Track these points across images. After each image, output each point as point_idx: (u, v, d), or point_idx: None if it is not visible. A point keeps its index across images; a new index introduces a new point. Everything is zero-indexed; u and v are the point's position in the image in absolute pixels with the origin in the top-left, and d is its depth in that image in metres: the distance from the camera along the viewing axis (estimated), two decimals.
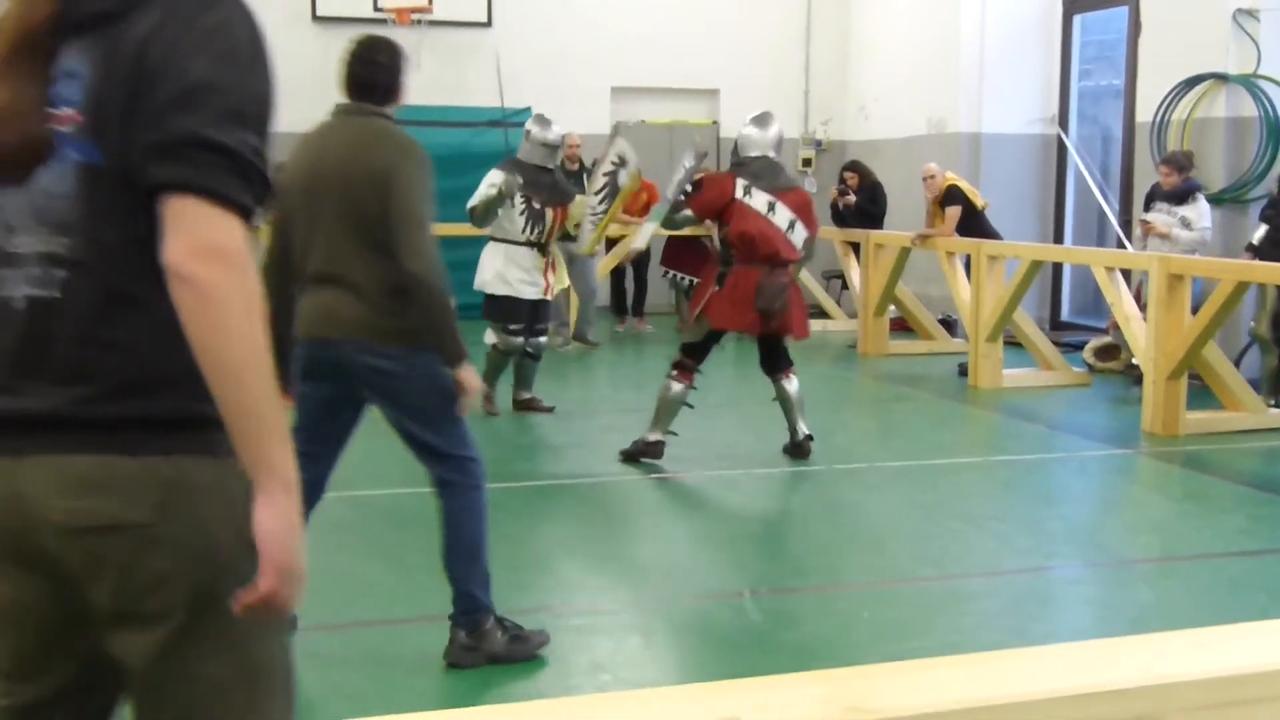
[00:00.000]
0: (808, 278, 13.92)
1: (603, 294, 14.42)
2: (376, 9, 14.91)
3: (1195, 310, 8.45)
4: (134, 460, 1.91)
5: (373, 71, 4.31)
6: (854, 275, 12.91)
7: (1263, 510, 6.88)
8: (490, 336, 8.79)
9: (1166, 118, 10.91)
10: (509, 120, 14.28)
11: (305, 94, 14.50)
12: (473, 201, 8.29)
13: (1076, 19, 13.52)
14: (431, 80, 15.07)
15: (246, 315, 1.85)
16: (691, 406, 7.53)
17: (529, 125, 8.79)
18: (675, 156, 15.63)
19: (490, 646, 4.36)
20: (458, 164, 13.02)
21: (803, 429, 7.67)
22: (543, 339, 8.99)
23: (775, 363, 7.70)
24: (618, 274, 13.99)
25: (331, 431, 4.40)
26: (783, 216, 7.31)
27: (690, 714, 1.02)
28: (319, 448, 4.33)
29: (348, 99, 4.34)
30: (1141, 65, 11.65)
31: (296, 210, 4.25)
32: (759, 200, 7.28)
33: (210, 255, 1.83)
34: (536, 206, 8.47)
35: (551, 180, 8.67)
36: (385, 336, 4.15)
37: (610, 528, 6.39)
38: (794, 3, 16.22)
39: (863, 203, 12.96)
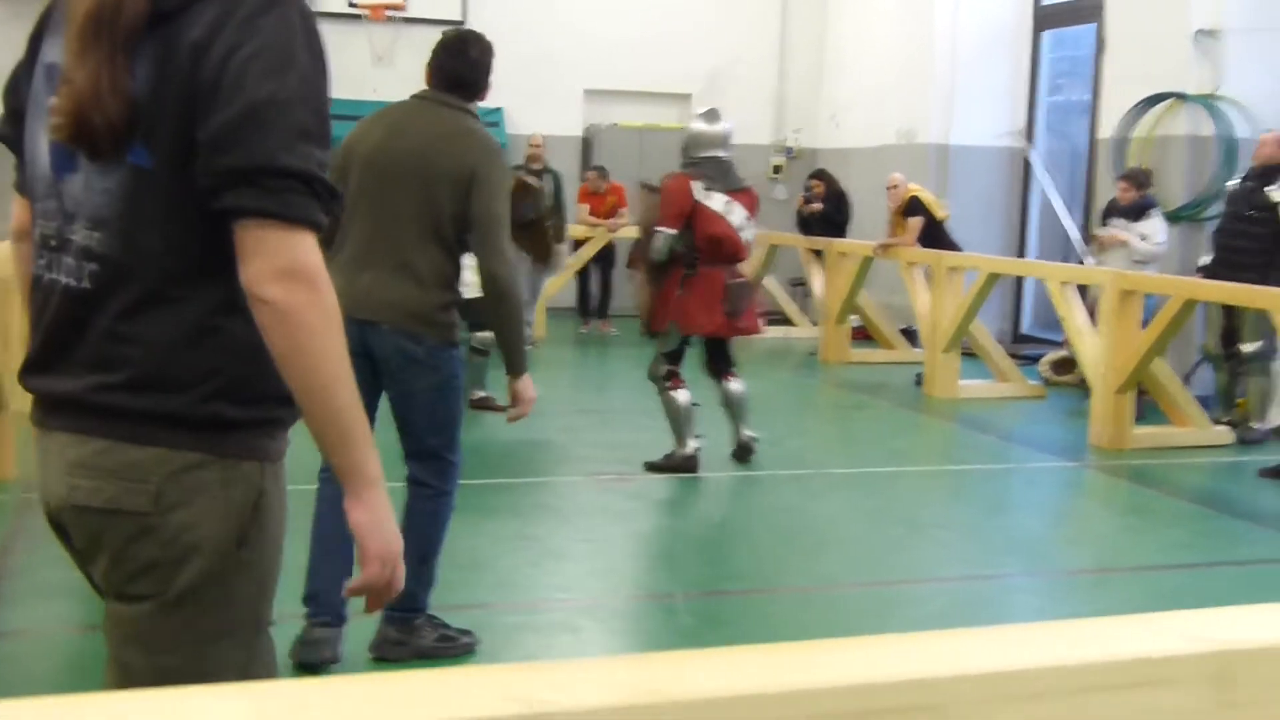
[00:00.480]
0: (772, 283, 14.03)
1: (568, 296, 14.47)
2: (351, 4, 14.94)
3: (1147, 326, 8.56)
4: (141, 450, 1.98)
5: (464, 65, 4.27)
6: (817, 283, 12.98)
7: (1204, 525, 6.97)
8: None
9: (1127, 134, 11.01)
10: (482, 120, 14.28)
11: None
12: None
13: (1045, 34, 13.64)
14: (404, 78, 15.04)
15: (325, 332, 1.91)
16: (699, 405, 7.43)
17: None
18: (647, 160, 15.74)
19: (419, 642, 4.40)
20: None
21: (747, 431, 7.65)
22: (486, 334, 8.79)
23: (721, 365, 7.59)
24: (583, 276, 14.04)
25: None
26: (738, 215, 7.26)
27: (484, 694, 1.06)
28: None
29: (433, 89, 4.28)
30: (1105, 82, 11.77)
31: (349, 182, 4.17)
32: (717, 201, 7.21)
33: (289, 277, 1.88)
34: None
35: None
36: (424, 325, 4.13)
37: (551, 528, 6.42)
38: (769, 8, 16.29)
39: (828, 211, 13.03)
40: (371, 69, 15.10)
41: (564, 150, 15.70)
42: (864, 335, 13.06)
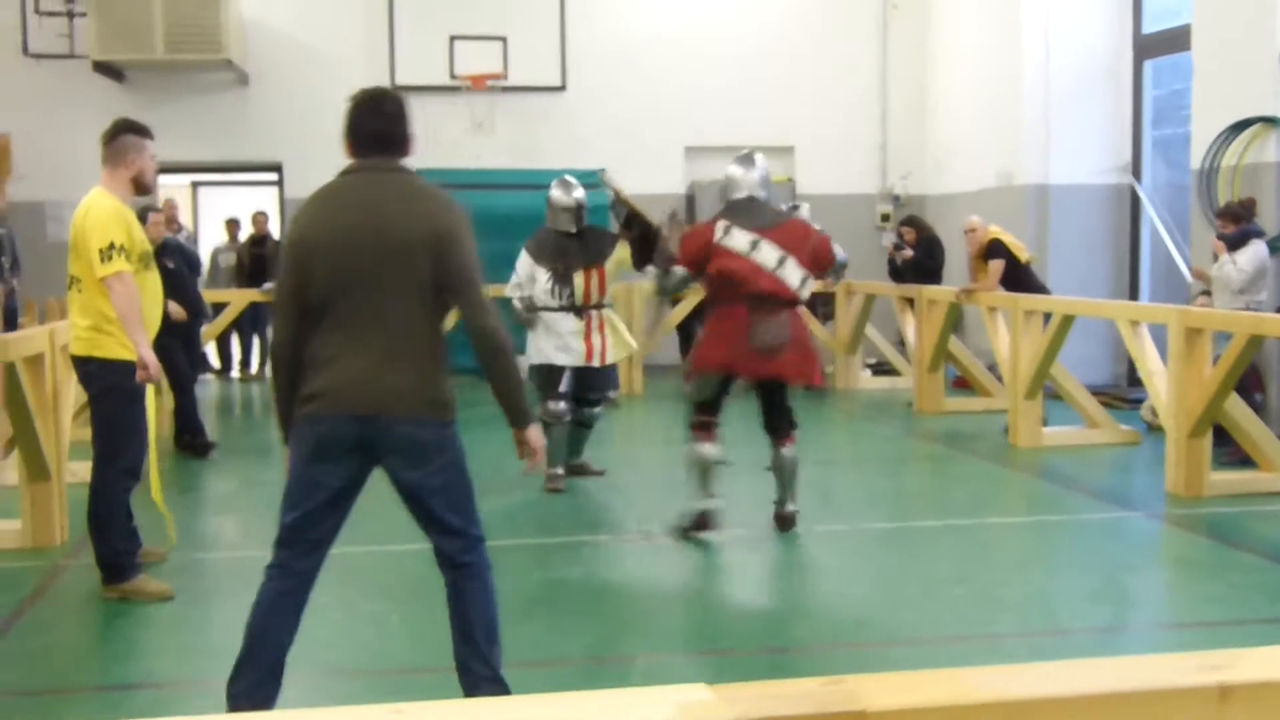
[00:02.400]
0: (874, 334, 13.71)
1: (673, 348, 14.39)
2: (453, 76, 15.20)
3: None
4: None
5: (383, 122, 4.10)
6: (909, 331, 12.63)
7: (1252, 578, 6.47)
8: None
9: (1215, 164, 10.47)
10: (584, 183, 14.33)
11: None
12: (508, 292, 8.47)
13: (1147, 64, 13.10)
14: (505, 144, 15.32)
15: None
16: (728, 464, 7.18)
17: (551, 190, 8.71)
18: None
19: None
20: (531, 227, 13.12)
21: (791, 504, 7.22)
22: (596, 409, 8.74)
23: (777, 423, 7.20)
24: (687, 330, 13.88)
25: (332, 519, 4.12)
26: (769, 254, 6.91)
27: None
28: (320, 535, 4.11)
29: (361, 158, 4.09)
30: (1196, 110, 11.23)
31: (316, 275, 3.97)
32: (739, 239, 6.92)
33: None
34: (561, 271, 8.42)
35: (578, 244, 8.53)
36: (429, 408, 3.99)
37: (571, 589, 6.29)
38: (869, 56, 16.06)
39: (920, 257, 12.69)
40: (471, 137, 15.32)
41: (666, 207, 15.67)
42: (965, 385, 12.68)
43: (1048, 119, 13.17)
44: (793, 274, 6.97)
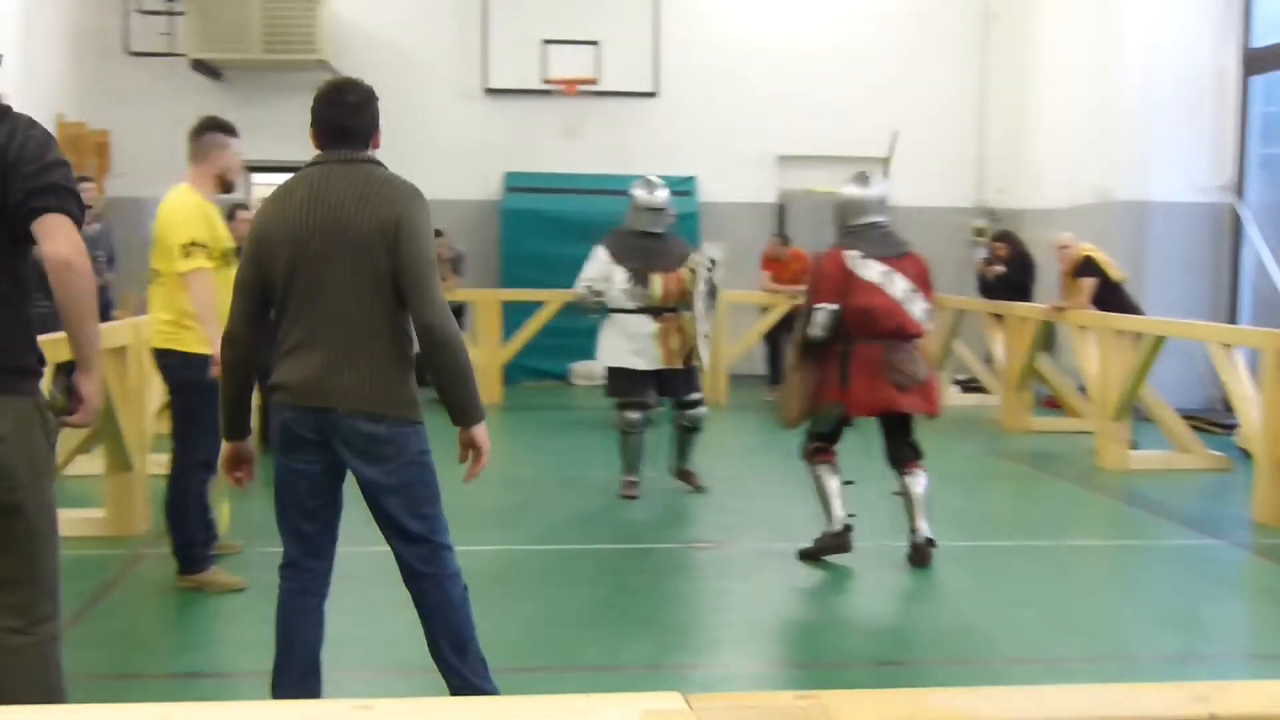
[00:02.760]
0: (963, 350, 13.55)
1: (758, 361, 14.36)
2: (544, 81, 15.28)
3: None
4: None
5: (343, 113, 4.02)
6: (998, 348, 12.46)
7: None
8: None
9: None
10: (674, 189, 14.34)
11: (479, 162, 15.12)
12: (577, 292, 8.44)
13: (1256, 80, 12.80)
14: (596, 150, 15.37)
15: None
16: (852, 483, 7.01)
17: (633, 189, 8.64)
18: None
19: None
20: None
21: (924, 532, 6.89)
22: (698, 410, 8.54)
23: (901, 453, 6.97)
24: (773, 340, 13.82)
25: (322, 510, 4.09)
26: (900, 286, 6.70)
27: None
28: (316, 527, 4.08)
29: (324, 149, 4.05)
30: None
31: (276, 268, 3.95)
32: (873, 271, 6.66)
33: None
34: (640, 271, 8.33)
35: (658, 244, 8.45)
36: (385, 405, 3.90)
37: (636, 595, 6.30)
38: (967, 66, 15.88)
39: (1012, 274, 12.52)
40: (562, 142, 15.39)
41: (757, 217, 15.66)
42: (1056, 404, 12.49)
43: (1148, 134, 12.92)
44: (919, 308, 6.79)
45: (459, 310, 13.67)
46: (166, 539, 6.29)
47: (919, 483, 6.90)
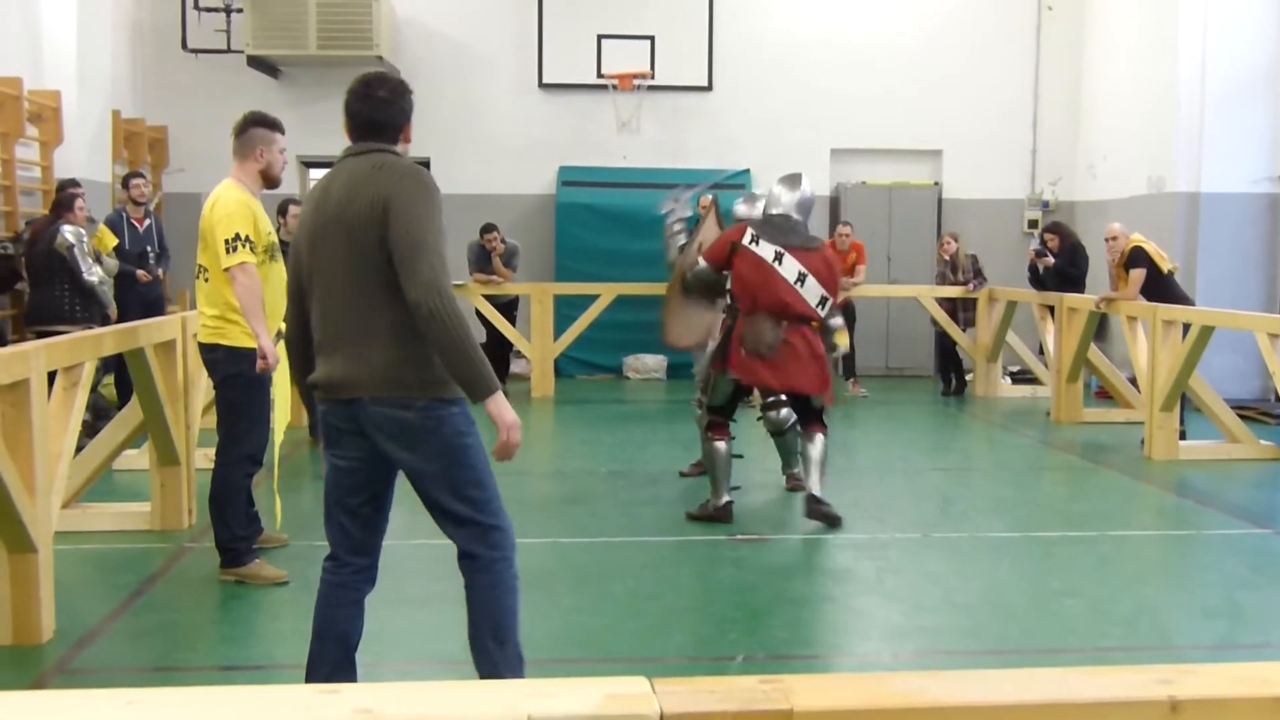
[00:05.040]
0: (1015, 341, 13.47)
1: None
2: (600, 75, 15.33)
3: None
4: None
5: (372, 107, 4.02)
6: (1049, 339, 12.38)
7: None
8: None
9: None
10: (728, 183, 14.36)
11: (535, 156, 15.21)
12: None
13: None
14: (651, 143, 15.40)
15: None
16: (741, 456, 7.54)
17: (737, 207, 8.72)
18: (895, 218, 15.48)
19: None
20: None
21: (814, 489, 7.46)
22: (784, 412, 8.25)
23: (805, 417, 7.67)
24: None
25: (365, 505, 4.09)
26: (790, 268, 7.27)
27: None
28: (360, 525, 4.10)
29: (355, 141, 4.05)
30: None
31: (303, 270, 4.05)
32: (765, 250, 7.31)
33: None
34: None
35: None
36: (409, 388, 3.85)
37: (669, 587, 6.35)
38: (1022, 59, 15.76)
39: (1062, 265, 12.44)
40: (617, 136, 15.42)
41: (819, 210, 15.59)
42: (1109, 395, 12.40)
43: (1203, 125, 12.78)
44: (813, 293, 7.32)
45: (512, 304, 13.77)
46: (212, 532, 6.37)
47: (816, 446, 7.53)
